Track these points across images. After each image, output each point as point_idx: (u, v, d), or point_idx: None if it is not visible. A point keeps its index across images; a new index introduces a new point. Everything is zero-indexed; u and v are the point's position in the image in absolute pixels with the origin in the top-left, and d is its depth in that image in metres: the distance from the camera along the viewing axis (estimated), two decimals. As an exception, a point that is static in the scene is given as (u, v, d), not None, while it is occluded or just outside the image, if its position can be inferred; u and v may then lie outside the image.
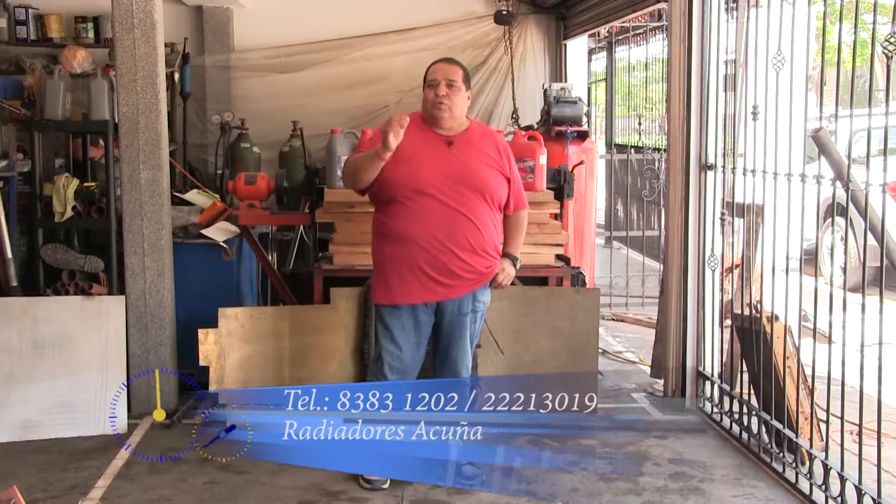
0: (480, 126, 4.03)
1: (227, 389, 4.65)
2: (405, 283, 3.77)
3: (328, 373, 4.69)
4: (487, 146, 3.87)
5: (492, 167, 3.84)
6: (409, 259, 3.75)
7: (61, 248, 5.41)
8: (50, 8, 7.11)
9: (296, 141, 6.79)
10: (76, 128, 5.81)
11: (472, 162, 3.80)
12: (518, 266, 4.00)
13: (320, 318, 4.71)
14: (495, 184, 3.83)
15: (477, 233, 3.77)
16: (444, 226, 3.72)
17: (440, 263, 3.74)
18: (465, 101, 3.86)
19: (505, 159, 3.90)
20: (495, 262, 3.87)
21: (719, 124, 4.70)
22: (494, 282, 3.90)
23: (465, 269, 3.77)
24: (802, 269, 4.05)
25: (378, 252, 3.88)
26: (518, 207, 3.98)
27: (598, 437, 4.54)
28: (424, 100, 3.84)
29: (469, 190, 3.75)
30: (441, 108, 3.77)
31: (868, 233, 3.53)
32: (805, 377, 4.10)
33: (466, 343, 3.93)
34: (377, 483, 3.88)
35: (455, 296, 3.81)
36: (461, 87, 3.82)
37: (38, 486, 3.88)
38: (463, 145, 3.81)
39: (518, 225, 4.01)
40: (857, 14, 3.57)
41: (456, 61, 3.91)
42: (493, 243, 3.85)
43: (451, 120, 3.82)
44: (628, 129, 11.06)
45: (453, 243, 3.73)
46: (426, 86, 3.84)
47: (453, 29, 7.69)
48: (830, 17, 11.45)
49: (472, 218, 3.75)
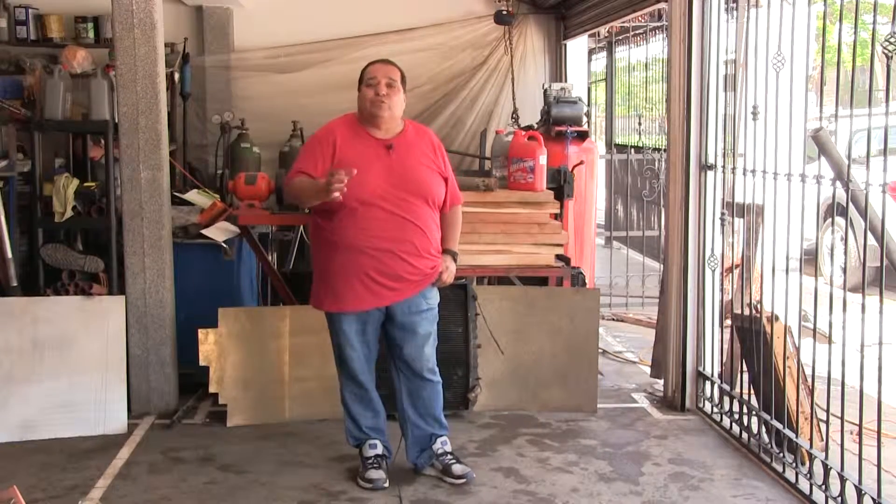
0: (415, 125, 4.06)
1: (227, 389, 4.66)
2: (354, 291, 3.81)
3: (328, 373, 4.68)
4: (425, 147, 3.93)
5: (431, 169, 3.90)
6: (358, 268, 3.79)
7: (61, 248, 5.40)
8: (50, 8, 7.10)
9: (296, 141, 6.78)
10: (76, 128, 5.81)
11: (413, 167, 3.85)
12: (457, 261, 4.04)
13: (320, 318, 4.69)
14: (436, 187, 3.89)
15: (423, 236, 3.83)
16: (392, 233, 3.77)
17: (389, 269, 3.79)
18: (402, 102, 3.90)
19: (440, 158, 3.97)
20: (438, 260, 3.92)
21: (719, 124, 4.70)
22: (439, 280, 3.94)
23: (412, 272, 3.82)
24: (802, 269, 4.05)
25: (324, 261, 3.90)
26: (454, 203, 4.04)
27: (598, 437, 4.54)
28: (362, 98, 3.86)
29: (413, 196, 3.80)
30: (381, 107, 3.80)
31: (868, 233, 3.52)
32: (805, 377, 4.10)
33: (424, 341, 3.95)
34: (377, 483, 3.88)
35: (402, 298, 3.86)
36: (399, 87, 3.86)
37: (38, 486, 3.88)
38: (402, 149, 3.85)
39: (455, 221, 4.06)
40: (857, 14, 3.57)
41: (393, 62, 3.97)
42: (435, 244, 3.92)
43: (390, 120, 3.86)
44: (628, 129, 11.06)
45: (401, 249, 3.78)
46: (364, 85, 3.87)
47: (453, 29, 7.70)
48: (830, 17, 11.44)
49: (417, 223, 3.81)
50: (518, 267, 4.91)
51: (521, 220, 4.92)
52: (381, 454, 3.99)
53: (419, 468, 4.03)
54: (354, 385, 4.00)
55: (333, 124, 3.96)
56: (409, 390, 4.00)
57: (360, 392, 4.01)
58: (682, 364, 4.90)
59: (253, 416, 4.69)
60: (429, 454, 4.01)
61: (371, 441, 4.00)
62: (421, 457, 4.02)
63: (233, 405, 4.67)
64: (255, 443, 4.44)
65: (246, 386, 4.70)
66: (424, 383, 3.99)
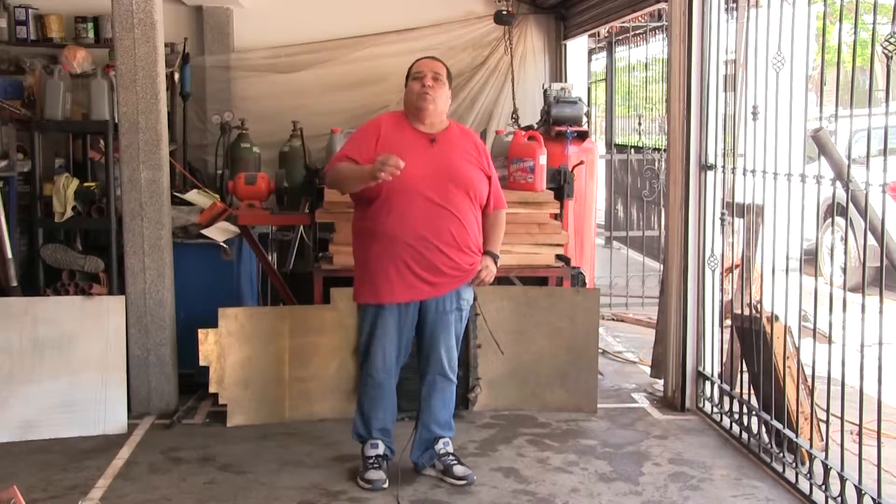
0: (459, 126, 4.09)
1: (227, 389, 4.67)
2: (390, 283, 3.78)
3: (328, 373, 4.69)
4: (467, 145, 3.94)
5: (473, 164, 3.90)
6: (396, 257, 3.76)
7: (61, 248, 5.40)
8: (50, 8, 7.11)
9: (296, 141, 6.78)
10: (76, 128, 5.80)
11: (455, 159, 3.85)
12: (498, 264, 4.03)
13: (320, 318, 4.71)
14: (478, 181, 3.88)
15: (462, 229, 3.80)
16: (431, 223, 3.75)
17: (426, 261, 3.76)
18: (447, 97, 3.92)
19: (484, 158, 3.97)
20: (477, 259, 3.90)
21: (719, 124, 4.70)
22: (477, 279, 3.92)
23: (451, 266, 3.80)
24: (802, 269, 4.05)
25: (362, 251, 3.89)
26: (497, 206, 4.03)
27: (598, 437, 4.54)
28: (409, 92, 3.89)
29: (454, 187, 3.79)
30: (426, 99, 3.82)
31: (868, 233, 3.53)
32: (805, 377, 4.11)
33: (451, 341, 3.95)
34: (377, 483, 3.88)
35: (439, 294, 3.84)
36: (445, 81, 3.89)
37: (38, 486, 3.88)
38: (444, 143, 3.87)
39: (498, 223, 4.04)
40: (857, 14, 3.57)
41: (439, 59, 4.01)
42: (476, 240, 3.89)
43: (435, 114, 3.87)
44: (628, 129, 11.06)
45: (440, 240, 3.76)
46: (411, 79, 3.90)
47: (453, 29, 7.70)
48: (830, 17, 11.45)
49: (458, 214, 3.79)
50: (518, 267, 4.91)
51: (521, 220, 4.92)
52: (381, 454, 3.98)
53: (420, 467, 4.03)
54: (373, 383, 3.95)
55: (380, 117, 4.03)
56: (430, 390, 3.98)
57: (377, 391, 3.96)
58: (682, 364, 4.90)
59: (253, 416, 4.69)
60: (431, 454, 4.01)
61: (373, 441, 4.00)
62: (423, 456, 4.02)
63: (233, 405, 4.67)
64: (255, 443, 4.44)
65: (246, 386, 4.70)
66: (446, 383, 3.99)
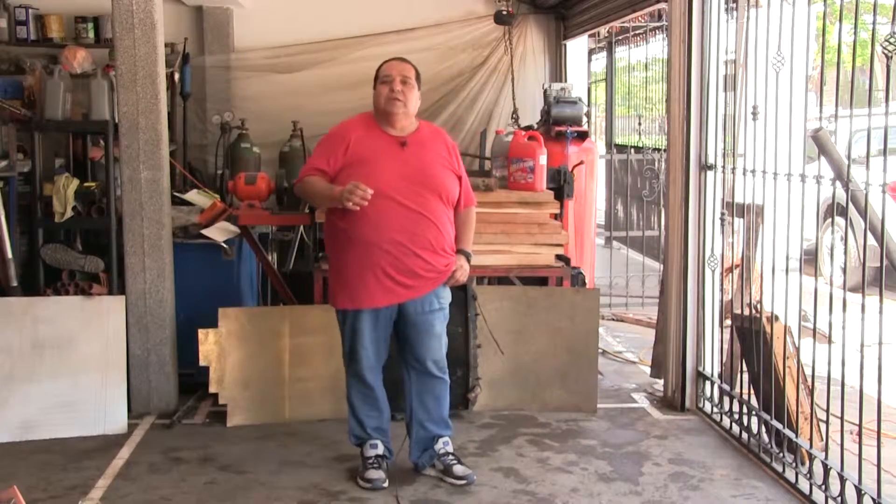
0: (429, 126, 4.08)
1: (227, 389, 4.66)
2: (369, 289, 3.79)
3: (328, 373, 4.69)
4: (438, 146, 3.93)
5: (445, 167, 3.90)
6: (374, 264, 3.77)
7: (61, 248, 5.40)
8: (50, 8, 7.11)
9: (296, 141, 6.79)
10: (76, 128, 5.81)
11: (427, 162, 3.85)
12: (471, 261, 4.03)
13: (320, 318, 4.70)
14: (450, 184, 3.89)
15: (437, 232, 3.82)
16: (406, 228, 3.76)
17: (404, 266, 3.77)
18: (417, 99, 3.90)
19: (454, 158, 3.97)
20: (452, 259, 3.91)
21: (719, 124, 4.70)
22: (452, 278, 3.93)
23: (427, 268, 3.82)
24: (802, 269, 4.05)
25: (337, 257, 3.90)
26: (468, 204, 4.04)
27: (598, 437, 4.54)
28: (377, 96, 3.86)
29: (427, 191, 3.80)
30: (396, 104, 3.80)
31: (868, 233, 3.53)
32: (805, 377, 4.10)
33: (433, 341, 3.96)
34: (377, 483, 3.88)
35: (417, 296, 3.85)
36: (414, 84, 3.87)
37: (38, 486, 3.88)
38: (416, 146, 3.86)
39: (468, 221, 4.05)
40: (857, 14, 3.57)
41: (408, 60, 3.96)
42: (450, 242, 3.91)
43: (405, 117, 3.86)
44: (628, 129, 11.05)
45: (416, 245, 3.77)
46: (379, 82, 3.87)
47: (453, 29, 7.70)
48: (830, 17, 11.45)
49: (432, 218, 3.80)
50: (518, 267, 4.91)
51: (521, 220, 4.92)
52: (381, 454, 3.99)
53: (420, 468, 4.03)
54: (361, 384, 3.98)
55: (348, 122, 3.98)
56: (419, 389, 3.99)
57: (366, 392, 3.99)
58: (682, 364, 4.90)
59: (253, 416, 4.69)
60: (431, 454, 4.01)
61: (372, 441, 4.00)
62: (423, 456, 4.02)
63: (233, 405, 4.67)
64: (255, 443, 4.44)
65: (246, 386, 4.69)
66: (435, 381, 3.99)
